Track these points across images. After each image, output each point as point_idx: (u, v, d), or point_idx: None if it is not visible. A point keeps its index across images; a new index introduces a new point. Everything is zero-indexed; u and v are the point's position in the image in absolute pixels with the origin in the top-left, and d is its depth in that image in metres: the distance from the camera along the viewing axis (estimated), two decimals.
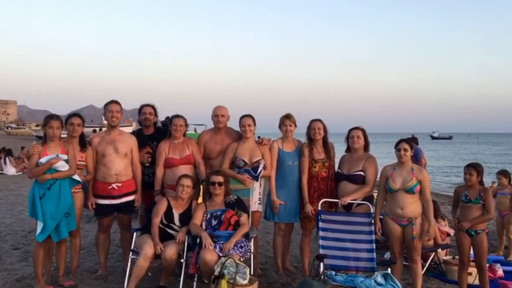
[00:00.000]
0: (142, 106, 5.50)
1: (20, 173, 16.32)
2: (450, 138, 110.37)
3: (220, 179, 4.81)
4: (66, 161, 4.63)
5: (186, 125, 5.32)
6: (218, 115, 5.32)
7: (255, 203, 5.21)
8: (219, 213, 4.75)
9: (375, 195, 5.28)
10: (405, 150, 4.72)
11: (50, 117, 4.69)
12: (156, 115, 5.54)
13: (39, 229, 4.55)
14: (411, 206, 4.67)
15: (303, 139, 5.41)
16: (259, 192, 5.27)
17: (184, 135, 5.29)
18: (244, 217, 4.79)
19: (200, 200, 5.17)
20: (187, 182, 4.84)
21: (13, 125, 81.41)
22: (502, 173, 7.26)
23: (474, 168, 4.90)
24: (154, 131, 5.51)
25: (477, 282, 5.10)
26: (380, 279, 4.31)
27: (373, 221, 4.85)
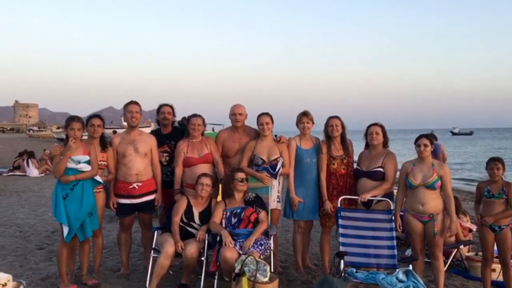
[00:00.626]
0: (161, 106, 5.57)
1: (43, 174, 16.60)
2: (471, 133, 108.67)
3: (243, 176, 4.86)
4: (88, 162, 4.70)
5: (204, 124, 5.37)
6: (236, 113, 5.34)
7: (274, 201, 5.22)
8: (238, 210, 4.77)
9: (395, 191, 5.23)
10: (425, 145, 4.67)
11: (71, 119, 4.77)
12: (174, 114, 5.61)
13: (65, 232, 4.64)
14: (432, 202, 4.62)
15: (321, 137, 5.39)
16: (278, 190, 5.28)
17: (202, 134, 5.33)
18: (262, 214, 4.80)
19: (219, 198, 5.20)
20: (207, 180, 4.88)
21: (35, 128, 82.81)
22: None
23: (500, 162, 4.83)
24: (171, 130, 5.58)
25: (501, 278, 5.02)
26: (401, 276, 4.27)
27: (393, 218, 4.82)
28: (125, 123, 5.58)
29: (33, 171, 16.66)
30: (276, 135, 5.50)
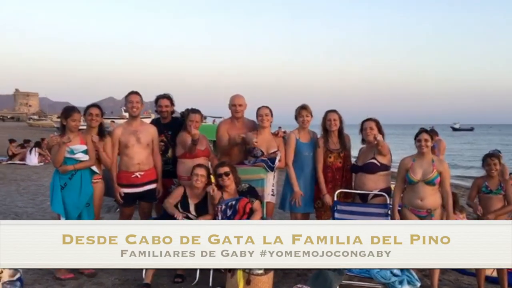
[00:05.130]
0: (158, 98, 5.55)
1: (42, 163, 16.60)
2: (471, 129, 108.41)
3: (226, 169, 4.84)
4: (85, 151, 4.71)
5: (202, 120, 5.38)
6: (236, 104, 5.32)
7: (268, 194, 5.20)
8: (233, 202, 4.76)
9: (392, 186, 5.22)
10: (426, 140, 4.64)
11: (72, 110, 4.77)
12: (172, 104, 5.59)
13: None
14: (431, 197, 4.62)
15: (318, 130, 5.39)
16: (273, 184, 5.27)
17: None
18: (256, 204, 4.80)
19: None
20: (201, 171, 4.86)
21: (35, 117, 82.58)
22: None
23: (497, 157, 4.82)
24: (170, 120, 5.57)
25: (495, 274, 5.04)
26: (396, 270, 4.29)
27: (389, 212, 4.83)
28: (126, 114, 5.58)
29: (33, 160, 16.65)
30: (279, 127, 5.48)
